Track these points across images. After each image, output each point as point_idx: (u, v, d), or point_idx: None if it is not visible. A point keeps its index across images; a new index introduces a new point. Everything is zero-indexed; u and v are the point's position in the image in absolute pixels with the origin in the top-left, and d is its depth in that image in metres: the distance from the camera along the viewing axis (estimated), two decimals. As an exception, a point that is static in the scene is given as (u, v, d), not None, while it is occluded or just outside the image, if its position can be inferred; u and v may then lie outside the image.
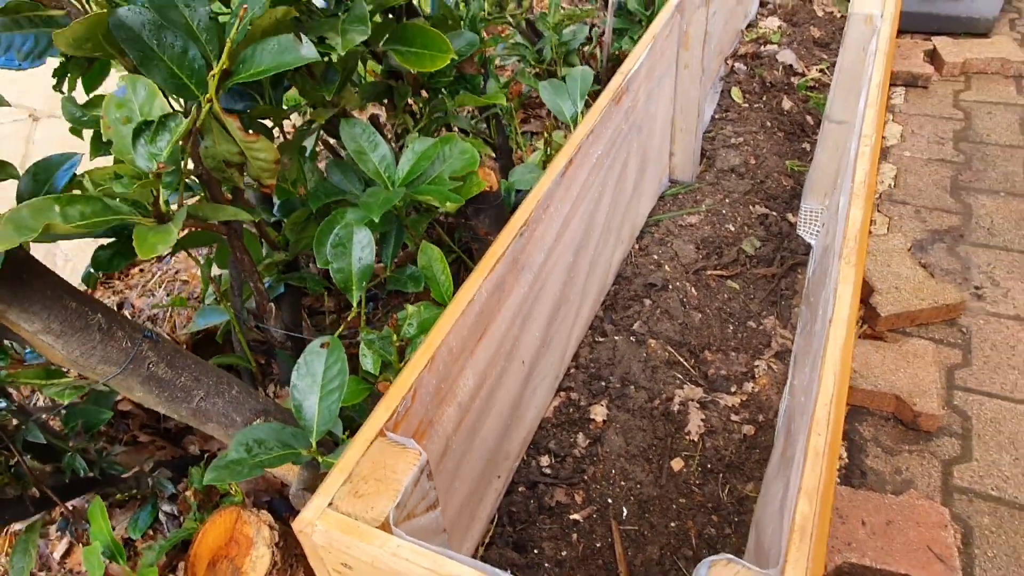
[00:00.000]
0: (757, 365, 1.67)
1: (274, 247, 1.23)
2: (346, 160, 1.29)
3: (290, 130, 1.63)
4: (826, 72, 2.65)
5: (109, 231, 0.88)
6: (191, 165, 0.96)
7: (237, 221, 1.02)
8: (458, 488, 1.17)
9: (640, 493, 1.41)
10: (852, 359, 1.03)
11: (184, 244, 1.14)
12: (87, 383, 0.92)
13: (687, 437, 1.51)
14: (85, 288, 1.53)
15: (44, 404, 1.28)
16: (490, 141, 1.74)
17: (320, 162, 1.88)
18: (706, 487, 1.44)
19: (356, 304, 1.07)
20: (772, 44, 2.72)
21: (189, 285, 1.65)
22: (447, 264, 1.28)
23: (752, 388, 1.62)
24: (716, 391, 1.60)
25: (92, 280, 0.97)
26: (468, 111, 2.02)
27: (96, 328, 0.88)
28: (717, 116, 2.37)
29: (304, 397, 0.96)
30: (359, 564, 0.76)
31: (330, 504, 0.80)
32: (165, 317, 1.52)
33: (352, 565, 0.77)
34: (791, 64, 2.60)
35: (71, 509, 1.08)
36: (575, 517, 1.37)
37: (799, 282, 1.90)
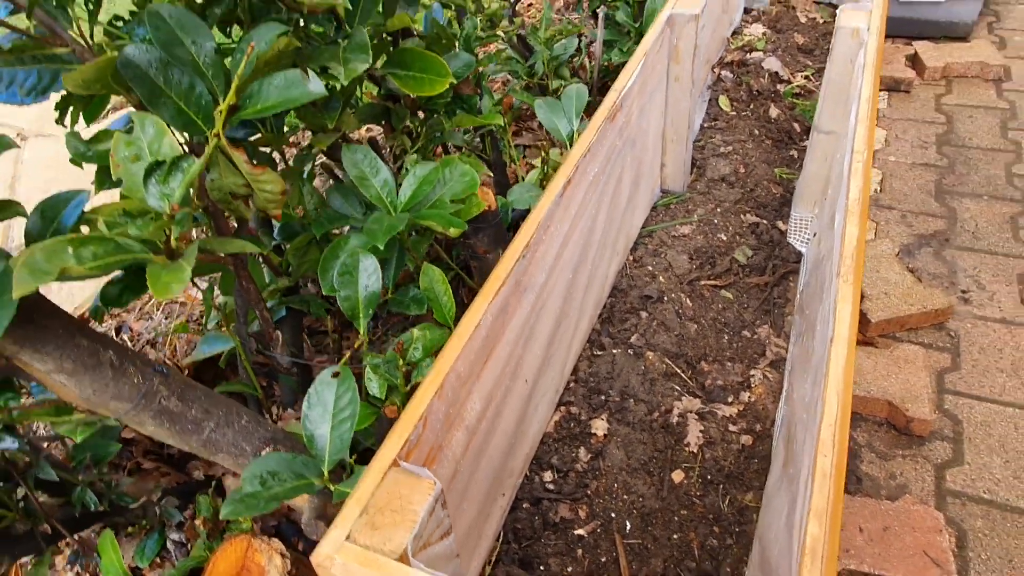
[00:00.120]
0: (753, 374, 1.69)
1: (277, 273, 1.24)
2: (346, 184, 1.29)
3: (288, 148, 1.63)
4: (811, 79, 2.68)
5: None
6: (197, 198, 0.97)
7: (244, 252, 1.03)
8: (466, 509, 1.18)
9: (642, 506, 1.43)
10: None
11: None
12: (98, 419, 0.92)
13: (687, 449, 1.53)
14: (92, 322, 1.52)
15: (45, 433, 1.28)
16: (485, 157, 1.75)
17: (316, 179, 1.88)
18: (707, 498, 1.46)
19: (363, 332, 1.08)
20: (757, 51, 2.75)
21: (187, 307, 1.65)
22: (448, 285, 1.30)
23: (748, 398, 1.64)
24: (714, 402, 1.62)
25: (99, 314, 0.97)
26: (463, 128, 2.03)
27: (108, 365, 0.88)
28: (706, 125, 2.39)
29: (316, 427, 0.96)
30: (380, 597, 0.76)
31: (348, 537, 0.81)
32: (165, 341, 1.52)
33: (373, 598, 0.78)
34: (777, 71, 2.63)
35: (79, 539, 1.08)
36: (579, 532, 1.38)
37: (791, 290, 1.93)
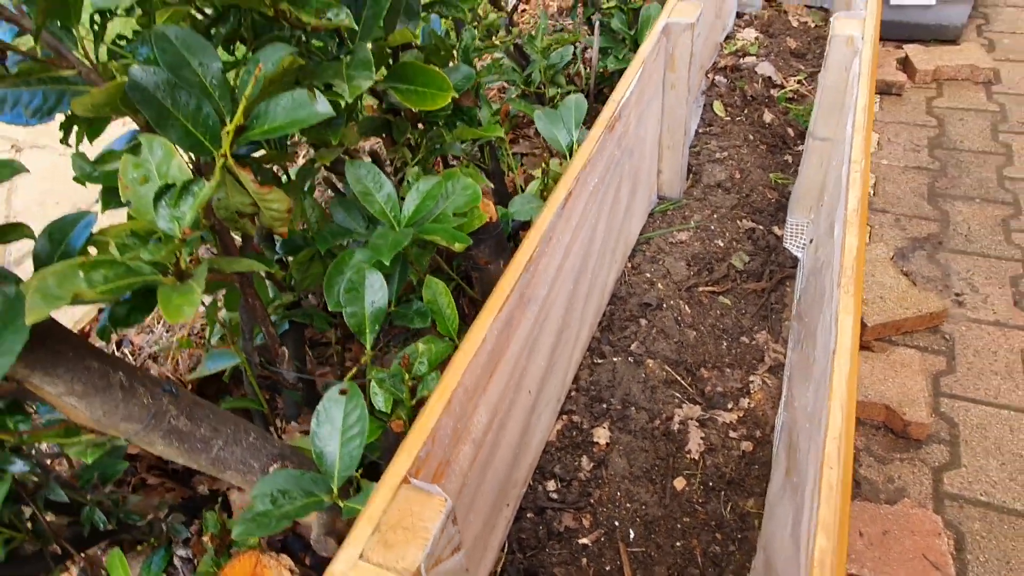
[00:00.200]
0: (752, 380, 1.71)
1: (280, 287, 1.24)
2: (349, 198, 1.30)
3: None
4: (803, 83, 2.70)
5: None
6: (204, 217, 0.97)
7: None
8: (472, 521, 1.19)
9: (645, 514, 1.44)
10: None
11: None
12: (107, 439, 0.92)
13: (688, 456, 1.54)
14: (100, 342, 1.52)
15: (48, 449, 1.27)
16: (483, 166, 1.76)
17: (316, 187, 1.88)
18: (708, 505, 1.48)
19: (369, 347, 1.08)
20: (750, 56, 2.77)
21: (189, 321, 1.65)
22: (451, 297, 1.30)
23: (748, 404, 1.66)
24: (714, 408, 1.64)
25: (107, 334, 0.97)
26: (459, 135, 2.04)
27: (118, 386, 0.88)
28: (701, 130, 2.41)
29: (325, 444, 0.97)
30: (395, 616, 0.77)
31: (361, 556, 0.81)
32: (167, 355, 1.52)
33: (388, 617, 0.78)
34: (770, 76, 2.65)
35: (87, 558, 1.08)
36: (584, 541, 1.39)
37: (788, 296, 1.94)
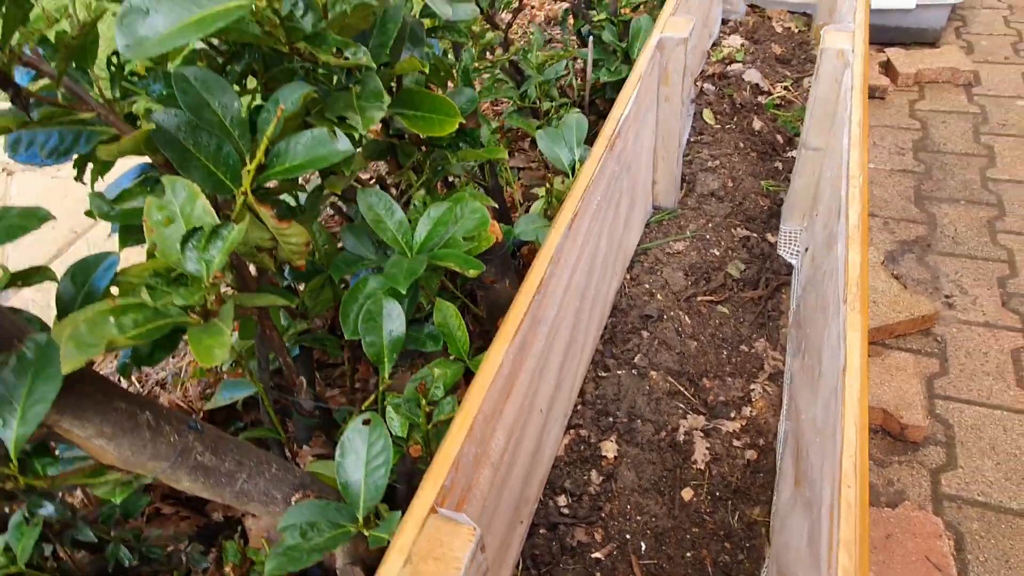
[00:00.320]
0: (753, 389, 1.74)
1: (293, 315, 1.25)
2: (358, 224, 1.31)
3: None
4: (790, 89, 2.75)
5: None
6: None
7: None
8: (490, 542, 1.20)
9: (656, 526, 1.46)
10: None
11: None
12: (133, 478, 0.93)
13: (694, 466, 1.57)
14: (119, 379, 1.52)
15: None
16: (484, 184, 1.77)
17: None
18: (716, 514, 1.50)
19: (387, 376, 1.10)
20: (737, 63, 2.81)
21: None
22: (462, 320, 1.32)
23: (750, 412, 1.69)
24: (717, 418, 1.66)
25: (128, 371, 0.98)
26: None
27: (145, 426, 0.89)
28: (692, 139, 2.44)
29: (350, 474, 0.98)
30: (432, 648, 0.78)
31: (395, 588, 0.83)
32: (175, 382, 1.52)
33: (424, 648, 0.80)
34: (757, 83, 2.69)
35: (106, 592, 1.09)
36: (597, 556, 1.41)
37: (784, 303, 1.98)
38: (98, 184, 1.07)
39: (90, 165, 1.03)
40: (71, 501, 1.35)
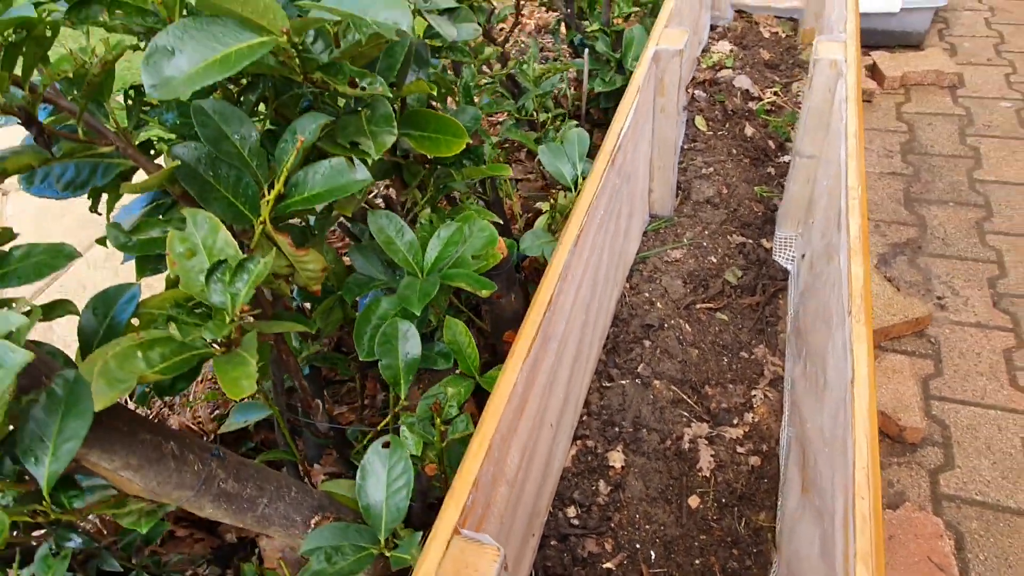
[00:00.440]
0: (754, 395, 1.76)
1: (305, 337, 1.26)
2: (366, 244, 1.32)
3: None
4: (779, 95, 2.78)
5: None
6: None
7: (285, 328, 1.05)
8: (507, 557, 1.22)
9: (664, 535, 1.48)
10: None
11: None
12: (157, 507, 0.93)
13: (700, 474, 1.59)
14: (136, 407, 1.52)
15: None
16: (485, 198, 1.79)
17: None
18: (723, 521, 1.53)
19: (403, 397, 1.11)
20: (727, 69, 2.84)
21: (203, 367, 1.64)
22: (471, 337, 1.33)
23: (752, 418, 1.71)
24: (720, 425, 1.69)
25: (146, 399, 0.98)
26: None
27: (170, 456, 0.90)
28: (686, 146, 2.46)
29: (371, 497, 0.99)
30: (464, 670, 0.80)
31: (424, 610, 0.84)
32: (182, 403, 1.52)
33: (455, 671, 0.81)
34: (747, 89, 2.72)
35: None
36: (608, 566, 1.43)
37: (782, 308, 2.01)
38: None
39: (104, 195, 1.04)
40: (84, 526, 1.35)
